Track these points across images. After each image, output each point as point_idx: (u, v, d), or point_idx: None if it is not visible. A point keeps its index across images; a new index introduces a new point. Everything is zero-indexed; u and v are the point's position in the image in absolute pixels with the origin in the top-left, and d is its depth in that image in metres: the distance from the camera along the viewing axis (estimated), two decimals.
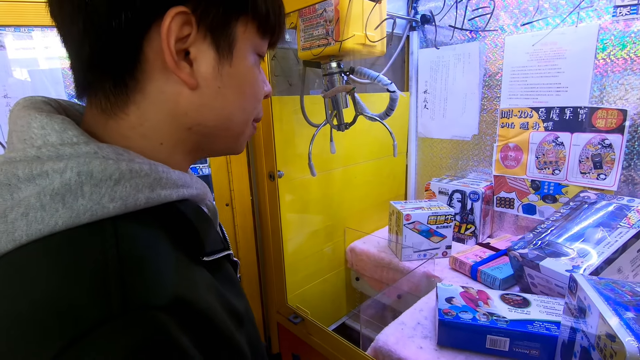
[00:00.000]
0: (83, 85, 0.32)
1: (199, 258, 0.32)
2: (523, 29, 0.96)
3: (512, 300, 0.68)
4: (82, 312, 0.22)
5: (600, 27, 0.84)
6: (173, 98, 0.32)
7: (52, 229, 0.25)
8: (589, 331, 0.48)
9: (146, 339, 0.22)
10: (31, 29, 0.76)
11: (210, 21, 0.31)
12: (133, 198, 0.28)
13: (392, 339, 0.69)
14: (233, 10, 0.32)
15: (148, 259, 0.26)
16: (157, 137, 0.32)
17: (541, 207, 1.01)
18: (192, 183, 0.34)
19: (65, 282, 0.23)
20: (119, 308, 0.22)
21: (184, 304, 0.25)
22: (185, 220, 0.32)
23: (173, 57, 0.29)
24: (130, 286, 0.24)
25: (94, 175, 0.26)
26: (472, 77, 1.09)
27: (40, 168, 0.26)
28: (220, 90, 0.33)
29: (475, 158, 1.15)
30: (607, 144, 0.87)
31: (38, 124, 0.28)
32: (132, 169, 0.28)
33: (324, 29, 0.74)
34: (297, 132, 0.95)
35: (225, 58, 0.32)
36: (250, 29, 0.34)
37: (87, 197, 0.26)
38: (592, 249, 0.69)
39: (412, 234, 1.00)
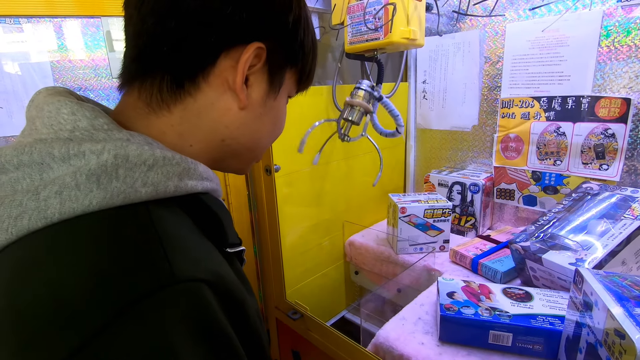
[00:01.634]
0: (135, 75, 0.33)
1: (222, 249, 0.33)
2: (525, 15, 0.93)
3: (514, 294, 0.67)
4: (130, 283, 0.22)
5: (605, 13, 0.81)
6: (221, 112, 0.34)
7: (86, 209, 0.25)
8: (595, 327, 0.47)
9: (194, 308, 0.23)
10: (17, 22, 0.73)
11: (274, 62, 0.36)
12: (163, 185, 0.29)
13: (392, 334, 0.68)
14: (291, 60, 0.38)
15: (185, 238, 0.27)
16: (191, 138, 0.35)
17: (542, 199, 0.99)
18: (213, 178, 0.36)
19: (109, 256, 0.23)
20: (167, 279, 0.23)
21: (222, 280, 0.26)
22: (210, 211, 0.33)
23: (242, 79, 0.33)
24: (174, 260, 0.24)
25: (130, 159, 0.27)
26: (472, 67, 1.06)
27: (78, 148, 0.27)
28: (261, 116, 0.37)
29: (475, 149, 1.13)
30: (610, 134, 0.85)
31: (68, 110, 0.29)
32: (165, 156, 0.29)
33: (373, 24, 0.82)
34: (293, 126, 0.93)
35: (273, 92, 0.37)
36: (293, 78, 0.40)
37: (121, 180, 0.26)
38: (596, 241, 0.68)
39: (407, 227, 0.99)
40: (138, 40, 0.32)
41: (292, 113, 0.92)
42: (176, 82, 0.32)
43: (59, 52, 0.78)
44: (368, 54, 0.92)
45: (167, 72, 0.32)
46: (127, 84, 0.34)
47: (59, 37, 0.77)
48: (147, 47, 0.32)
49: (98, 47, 0.82)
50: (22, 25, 0.73)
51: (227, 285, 0.27)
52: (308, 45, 0.39)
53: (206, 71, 0.33)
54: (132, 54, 0.33)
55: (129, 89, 0.34)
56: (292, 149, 0.94)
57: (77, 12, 0.74)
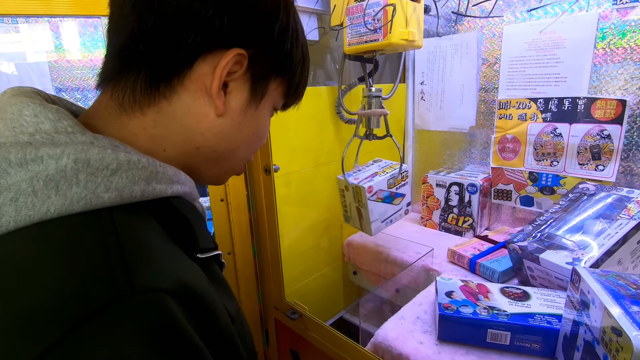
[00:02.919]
0: (111, 73, 0.32)
1: (193, 255, 0.32)
2: (522, 18, 0.94)
3: (512, 293, 0.67)
4: (86, 295, 0.22)
5: (600, 16, 0.82)
6: (197, 118, 0.33)
7: (43, 216, 0.24)
8: (593, 325, 0.47)
9: (155, 321, 0.22)
10: (15, 21, 0.73)
11: (257, 70, 0.35)
12: (129, 190, 0.28)
13: (391, 334, 0.68)
14: (277, 70, 0.37)
15: (148, 245, 0.26)
16: (164, 143, 0.33)
17: (539, 199, 1.00)
18: (186, 181, 0.34)
19: (65, 267, 0.23)
20: (126, 290, 0.22)
21: (187, 289, 0.25)
22: (180, 215, 0.32)
23: (219, 85, 0.32)
24: (135, 270, 0.23)
25: (91, 164, 0.26)
26: (470, 68, 1.07)
27: (35, 153, 0.25)
28: (240, 125, 0.36)
29: (472, 150, 1.14)
30: (606, 135, 0.86)
31: (30, 112, 0.28)
32: (130, 160, 0.28)
33: (372, 26, 0.82)
34: (293, 126, 0.93)
35: (254, 102, 0.36)
36: (280, 89, 0.39)
37: (82, 186, 0.25)
38: (592, 240, 0.69)
39: (376, 204, 0.93)
40: (117, 37, 0.31)
41: (291, 114, 0.93)
42: (151, 83, 0.31)
43: (57, 52, 0.78)
44: (367, 55, 0.93)
45: (142, 72, 0.31)
46: (103, 83, 0.33)
47: (56, 37, 0.77)
48: (124, 45, 0.31)
49: (96, 47, 0.82)
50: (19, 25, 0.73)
51: (193, 294, 0.26)
52: (297, 56, 0.37)
53: (183, 74, 0.32)
54: (110, 52, 0.32)
55: (104, 89, 0.33)
56: (292, 149, 0.94)
57: (74, 11, 0.74)
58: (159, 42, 0.30)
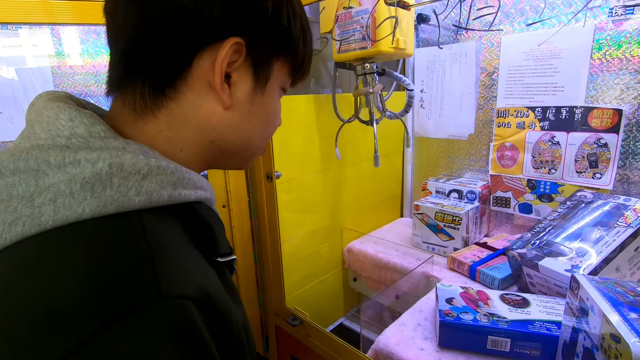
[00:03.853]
0: (118, 82, 0.33)
1: (212, 258, 0.33)
2: (519, 28, 0.96)
3: (512, 300, 0.68)
4: (118, 295, 0.23)
5: (596, 27, 0.84)
6: (206, 113, 0.34)
7: (79, 217, 0.26)
8: (592, 332, 0.48)
9: (179, 325, 0.23)
10: (19, 26, 0.74)
11: (257, 55, 0.34)
12: (157, 194, 0.29)
13: (392, 340, 0.69)
14: (278, 51, 0.36)
15: (174, 250, 0.28)
16: (180, 143, 0.34)
17: (537, 207, 1.01)
18: (207, 187, 0.36)
19: (98, 267, 0.24)
20: (154, 294, 0.23)
21: (207, 296, 0.26)
22: (202, 220, 0.33)
23: (221, 79, 0.32)
24: (161, 274, 0.24)
25: (125, 168, 0.27)
26: (469, 77, 1.09)
27: (74, 156, 0.27)
28: (249, 114, 0.36)
29: (471, 157, 1.15)
30: (603, 143, 0.87)
31: (67, 116, 0.29)
32: (160, 166, 0.29)
33: (361, 34, 0.81)
34: (295, 133, 0.94)
35: (259, 88, 0.36)
36: (285, 69, 0.38)
37: (115, 188, 0.27)
38: (590, 248, 0.70)
39: (420, 224, 1.02)
40: (117, 45, 0.32)
41: (293, 121, 0.94)
42: (156, 88, 0.32)
43: (59, 58, 0.79)
44: (357, 63, 0.91)
45: (146, 78, 0.31)
46: (112, 91, 0.34)
47: (59, 44, 0.78)
48: (124, 53, 0.31)
49: (99, 54, 0.83)
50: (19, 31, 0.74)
51: (213, 302, 0.27)
52: (296, 31, 0.36)
53: (184, 74, 0.32)
54: (112, 60, 0.33)
55: (115, 96, 0.34)
56: (293, 155, 0.95)
57: (76, 20, 0.75)
58: (155, 45, 0.30)
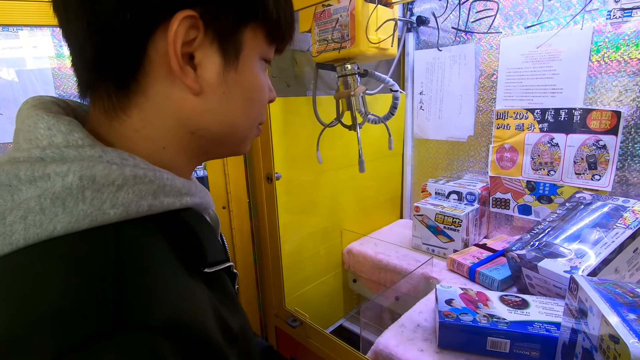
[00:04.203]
0: (86, 84, 0.31)
1: (200, 270, 0.31)
2: (518, 31, 0.96)
3: (511, 301, 0.68)
4: (75, 323, 0.21)
5: (594, 30, 0.85)
6: (177, 103, 0.31)
7: (51, 234, 0.25)
8: (590, 333, 0.48)
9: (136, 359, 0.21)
10: (20, 28, 0.74)
11: (218, 26, 0.30)
12: (135, 205, 0.27)
13: (392, 342, 0.69)
14: (243, 16, 0.31)
15: (147, 271, 0.26)
16: (160, 140, 0.32)
17: (537, 208, 1.02)
18: (196, 192, 0.34)
19: (60, 291, 0.22)
20: (111, 324, 0.22)
21: (178, 326, 0.24)
22: (188, 229, 0.31)
23: (179, 62, 0.29)
24: (126, 300, 0.23)
25: (97, 180, 0.26)
26: (468, 79, 1.09)
27: (43, 170, 0.26)
28: (225, 95, 0.32)
29: (471, 159, 1.16)
30: (602, 145, 0.88)
31: (45, 125, 0.28)
32: (136, 175, 0.28)
33: (340, 33, 0.76)
34: (295, 134, 0.95)
35: (231, 64, 0.31)
36: (259, 35, 0.33)
37: (88, 202, 0.25)
38: (589, 249, 0.70)
39: (420, 226, 1.02)
40: (73, 48, 0.30)
41: (293, 123, 0.94)
42: (119, 85, 0.29)
43: (60, 60, 0.79)
44: (338, 64, 0.86)
45: (107, 76, 0.29)
46: (84, 95, 0.32)
47: (59, 46, 0.78)
48: (80, 54, 0.29)
49: None
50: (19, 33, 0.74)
51: (185, 331, 0.24)
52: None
53: (142, 63, 0.29)
54: (74, 64, 0.31)
55: (90, 99, 0.32)
56: (293, 157, 0.95)
57: None
58: (102, 38, 0.28)
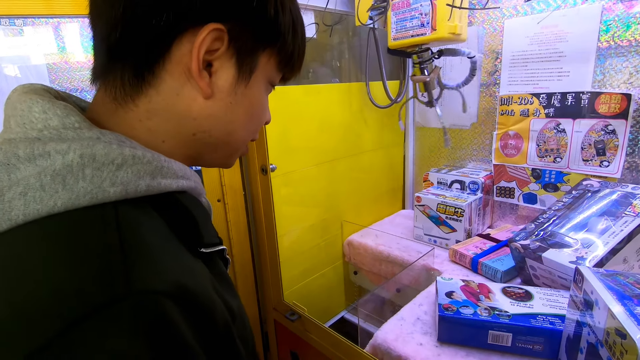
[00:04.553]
0: (101, 69, 0.32)
1: (197, 249, 0.32)
2: (523, 11, 0.92)
3: (514, 293, 0.66)
4: (84, 294, 0.22)
5: (604, 8, 0.80)
6: (187, 102, 0.32)
7: (51, 210, 0.25)
8: (596, 326, 0.46)
9: (150, 322, 0.22)
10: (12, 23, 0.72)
11: (240, 44, 0.32)
12: (134, 184, 0.28)
13: (391, 335, 0.67)
14: (263, 41, 0.34)
15: (149, 245, 0.26)
16: (161, 134, 0.33)
17: (542, 196, 0.98)
18: (191, 176, 0.35)
19: (67, 265, 0.23)
20: (122, 291, 0.22)
21: (186, 292, 0.25)
22: (184, 210, 0.32)
23: (199, 65, 0.31)
24: (133, 270, 0.23)
25: (97, 159, 0.26)
26: (471, 63, 1.05)
27: (43, 148, 0.26)
28: (232, 105, 0.35)
29: (474, 147, 1.12)
30: (611, 130, 0.84)
31: (39, 109, 0.28)
32: (134, 155, 0.28)
33: (419, 20, 0.82)
34: (289, 124, 0.92)
35: (243, 79, 0.34)
36: (272, 62, 0.36)
37: (88, 180, 0.26)
38: (596, 238, 0.67)
39: (422, 216, 1.00)
40: (98, 31, 0.31)
41: (288, 113, 0.92)
42: (135, 73, 0.31)
43: (57, 54, 0.77)
44: (410, 50, 0.93)
45: (126, 63, 0.31)
46: (96, 80, 0.33)
47: (57, 39, 0.77)
48: (104, 38, 0.31)
49: None
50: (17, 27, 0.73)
51: (192, 296, 0.26)
52: (285, 23, 0.35)
53: (163, 59, 0.31)
54: (95, 48, 0.32)
55: (99, 85, 0.33)
56: (290, 148, 0.93)
57: (76, 11, 0.73)
58: (132, 28, 0.29)
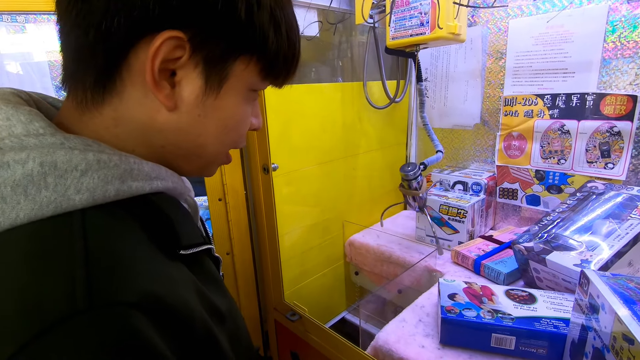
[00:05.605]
0: (67, 73, 0.31)
1: (176, 252, 0.31)
2: (528, 11, 0.91)
3: (517, 296, 0.65)
4: (45, 307, 0.21)
5: (610, 8, 0.79)
6: (150, 113, 0.31)
7: (13, 222, 0.24)
8: (602, 331, 0.45)
9: (113, 337, 0.21)
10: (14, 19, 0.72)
11: (207, 52, 0.30)
12: (101, 190, 0.27)
13: (392, 337, 0.67)
14: (234, 48, 0.31)
15: (118, 253, 0.25)
16: (130, 143, 0.32)
17: (546, 198, 0.98)
18: (167, 176, 0.33)
19: (28, 279, 0.22)
20: (84, 303, 0.21)
21: (155, 301, 0.24)
22: (159, 212, 0.31)
23: (154, 77, 0.28)
24: (98, 280, 0.23)
25: (58, 166, 0.26)
26: (475, 64, 1.05)
27: (1, 159, 0.25)
28: (200, 118, 0.32)
29: (477, 148, 1.12)
30: (616, 132, 0.83)
31: (3, 116, 0.28)
32: (100, 160, 0.27)
33: (419, 20, 0.82)
34: (292, 124, 0.92)
35: (212, 90, 0.31)
36: (252, 69, 0.33)
37: (51, 189, 0.25)
38: (601, 241, 0.66)
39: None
40: (64, 36, 0.30)
41: (290, 112, 0.91)
42: (96, 82, 0.29)
43: (58, 51, 0.77)
44: (409, 49, 0.92)
45: (87, 69, 0.29)
46: (64, 83, 0.32)
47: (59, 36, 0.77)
48: (67, 43, 0.29)
49: None
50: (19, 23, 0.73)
51: (163, 305, 0.25)
52: (264, 24, 0.31)
53: (121, 68, 0.29)
54: (62, 50, 0.31)
55: (67, 89, 0.32)
56: (291, 147, 0.92)
57: None
58: (89, 34, 0.27)
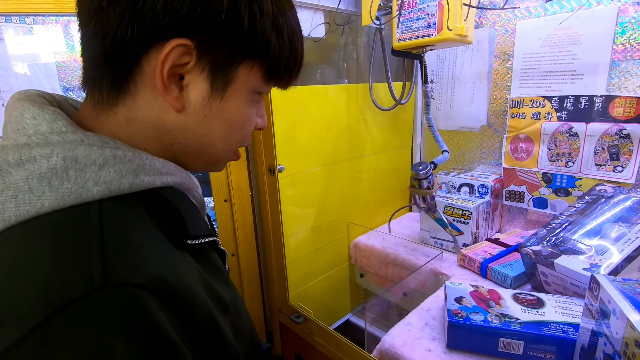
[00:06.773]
0: (86, 76, 0.34)
1: (183, 242, 0.33)
2: (536, 13, 0.91)
3: (525, 300, 0.64)
4: (64, 285, 0.23)
5: (620, 10, 0.79)
6: (160, 114, 0.33)
7: (39, 211, 0.27)
8: (613, 336, 0.44)
9: (126, 312, 0.23)
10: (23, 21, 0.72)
11: (212, 58, 0.32)
12: (117, 183, 0.29)
13: (398, 340, 0.66)
14: (238, 54, 0.33)
15: (130, 239, 0.28)
16: (142, 141, 0.34)
17: (553, 201, 0.97)
18: (176, 172, 0.35)
19: (51, 260, 0.25)
20: (100, 282, 0.24)
21: (164, 285, 0.26)
22: (169, 204, 0.33)
23: (163, 81, 0.31)
24: (112, 263, 0.25)
25: (79, 160, 0.28)
26: (481, 65, 1.04)
27: (29, 153, 0.28)
28: (206, 118, 0.34)
29: (483, 150, 1.11)
30: (625, 135, 0.82)
31: (30, 115, 0.30)
32: (115, 155, 0.30)
33: (426, 21, 0.81)
34: (298, 125, 0.92)
35: (218, 92, 0.33)
36: (255, 72, 0.35)
37: (72, 181, 0.28)
38: (611, 245, 0.65)
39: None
40: (84, 39, 0.32)
41: (297, 114, 0.91)
42: (112, 84, 0.32)
43: (66, 52, 0.77)
44: (415, 51, 0.92)
45: (104, 73, 0.32)
46: (83, 84, 0.34)
47: (67, 37, 0.77)
48: (87, 46, 0.32)
49: None
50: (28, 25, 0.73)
51: (171, 290, 0.27)
52: (265, 31, 0.33)
53: (134, 72, 0.31)
54: (82, 53, 0.33)
55: (87, 90, 0.34)
56: (297, 149, 0.92)
57: None
58: (105, 41, 0.30)
